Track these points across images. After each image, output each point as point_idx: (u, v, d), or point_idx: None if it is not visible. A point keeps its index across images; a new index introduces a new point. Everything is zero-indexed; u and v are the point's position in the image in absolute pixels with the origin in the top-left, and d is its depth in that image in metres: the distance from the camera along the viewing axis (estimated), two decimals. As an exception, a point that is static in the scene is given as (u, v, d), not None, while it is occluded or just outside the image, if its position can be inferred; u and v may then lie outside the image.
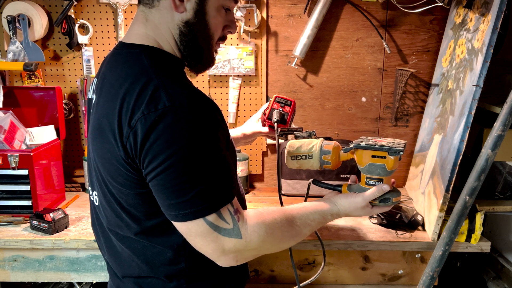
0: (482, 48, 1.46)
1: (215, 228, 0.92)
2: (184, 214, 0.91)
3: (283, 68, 2.04)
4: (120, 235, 1.04)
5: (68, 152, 2.11)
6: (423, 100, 2.05)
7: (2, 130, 1.73)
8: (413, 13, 1.91)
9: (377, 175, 1.13)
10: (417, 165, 1.94)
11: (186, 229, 0.93)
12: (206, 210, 0.90)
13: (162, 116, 0.86)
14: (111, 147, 0.92)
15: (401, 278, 1.68)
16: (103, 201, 1.04)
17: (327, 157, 1.20)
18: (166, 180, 0.89)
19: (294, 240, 1.06)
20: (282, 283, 1.71)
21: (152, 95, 0.88)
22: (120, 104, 0.90)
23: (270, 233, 0.99)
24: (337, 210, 1.14)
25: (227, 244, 0.93)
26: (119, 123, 0.89)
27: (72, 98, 2.06)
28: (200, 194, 0.89)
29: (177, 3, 0.95)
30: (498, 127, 1.18)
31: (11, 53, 1.87)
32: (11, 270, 1.64)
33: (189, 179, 0.88)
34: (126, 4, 1.94)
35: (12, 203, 1.70)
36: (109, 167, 0.96)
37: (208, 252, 0.95)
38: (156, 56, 0.96)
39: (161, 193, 0.92)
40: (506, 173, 1.82)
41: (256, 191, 2.10)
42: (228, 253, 0.95)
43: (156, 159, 0.87)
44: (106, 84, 0.97)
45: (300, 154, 1.23)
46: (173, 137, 0.86)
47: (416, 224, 1.65)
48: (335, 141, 1.24)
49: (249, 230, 0.96)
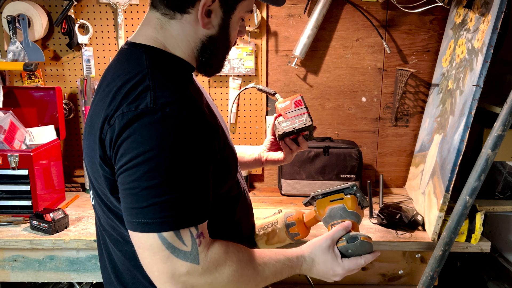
0: (482, 48, 1.46)
1: (168, 246, 0.82)
2: (136, 223, 0.83)
3: (283, 68, 2.04)
4: (113, 236, 1.01)
5: (68, 152, 2.11)
6: (423, 100, 2.05)
7: (2, 130, 1.73)
8: (413, 13, 1.91)
9: (339, 218, 1.10)
10: (417, 165, 1.94)
11: (136, 239, 0.85)
12: (162, 225, 0.82)
13: (139, 116, 0.83)
14: (95, 145, 0.90)
15: (401, 278, 1.68)
16: (95, 201, 1.02)
17: (292, 218, 1.19)
18: (125, 180, 0.83)
19: (254, 282, 0.94)
20: (282, 283, 1.70)
21: (138, 95, 0.85)
22: (109, 102, 0.88)
23: (229, 265, 0.89)
24: (302, 252, 1.04)
25: (179, 267, 0.83)
26: (103, 121, 0.87)
27: (72, 98, 2.06)
28: (161, 205, 0.82)
29: (205, 21, 0.93)
30: (498, 127, 1.18)
31: (11, 53, 1.87)
32: (11, 270, 1.64)
33: (152, 185, 0.81)
34: (126, 4, 1.94)
35: (12, 203, 1.70)
36: (93, 167, 0.94)
37: (154, 274, 0.85)
38: (158, 57, 0.94)
39: (121, 193, 0.86)
40: (506, 173, 1.82)
41: (256, 191, 2.10)
42: (177, 281, 0.84)
43: (124, 157, 0.83)
44: (104, 82, 0.96)
45: (265, 225, 1.20)
46: (144, 137, 0.82)
47: (416, 224, 1.65)
48: (295, 211, 1.21)
49: (209, 258, 0.86)
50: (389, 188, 2.12)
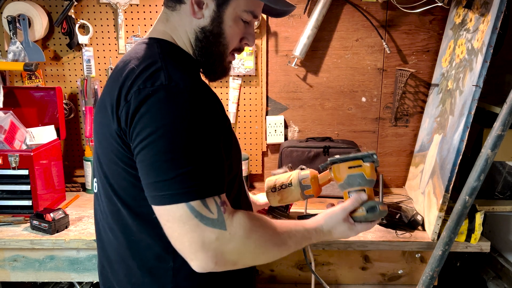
0: (482, 48, 1.46)
1: (197, 215, 0.85)
2: (164, 196, 0.85)
3: (283, 68, 2.04)
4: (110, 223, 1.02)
5: (69, 152, 2.11)
6: (423, 100, 2.05)
7: (3, 130, 1.74)
8: (413, 13, 1.92)
9: (358, 186, 1.11)
10: (417, 165, 1.94)
11: (163, 213, 0.87)
12: (190, 194, 0.84)
13: (156, 91, 0.86)
14: (108, 120, 0.92)
15: (401, 278, 1.68)
16: (100, 187, 1.03)
17: (307, 180, 1.20)
18: (149, 155, 0.85)
19: (278, 248, 0.98)
20: (282, 283, 1.71)
21: (151, 74, 0.89)
22: (123, 80, 0.91)
23: (255, 230, 0.92)
24: (319, 224, 1.08)
25: (208, 234, 0.85)
26: (118, 98, 0.91)
27: (72, 98, 2.06)
28: (185, 176, 0.84)
29: (196, 9, 0.99)
30: (498, 127, 1.18)
31: (11, 53, 1.88)
32: (11, 270, 1.64)
33: (174, 158, 0.84)
34: (126, 4, 1.94)
35: (13, 203, 1.70)
36: (104, 144, 0.96)
37: (185, 245, 0.86)
38: (168, 47, 1.00)
39: (143, 170, 0.88)
40: (506, 173, 1.83)
41: (256, 191, 2.11)
42: (208, 247, 0.86)
43: (143, 132, 0.86)
44: (116, 68, 1.00)
45: (279, 185, 1.23)
46: (162, 111, 0.85)
47: (416, 224, 1.65)
48: (310, 169, 1.25)
49: (235, 223, 0.89)
50: (389, 188, 2.12)
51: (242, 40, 1.06)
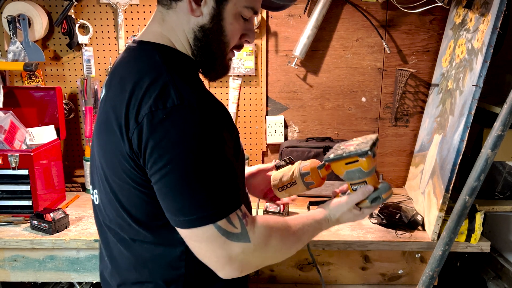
0: (482, 48, 1.46)
1: (224, 233, 0.87)
2: (191, 220, 0.87)
3: (283, 68, 2.04)
4: (120, 235, 1.01)
5: (69, 152, 2.11)
6: (423, 100, 2.05)
7: (3, 130, 1.74)
8: (413, 13, 1.92)
9: (358, 179, 1.11)
10: (417, 165, 1.94)
11: (191, 235, 0.89)
12: (216, 215, 0.87)
13: (170, 114, 0.84)
14: (117, 141, 0.90)
15: (401, 278, 1.68)
16: (104, 199, 1.02)
17: (309, 178, 1.22)
18: (171, 182, 0.85)
19: (295, 246, 1.03)
20: (282, 283, 1.71)
21: (161, 91, 0.86)
22: (129, 97, 0.88)
23: (274, 236, 0.96)
24: (328, 215, 1.11)
25: (235, 249, 0.89)
26: (126, 116, 0.87)
27: (72, 98, 2.06)
28: (209, 198, 0.86)
29: (194, 7, 0.93)
30: (498, 127, 1.18)
31: (11, 53, 1.88)
32: (11, 270, 1.64)
33: (197, 182, 0.85)
34: (126, 4, 1.94)
35: (12, 203, 1.70)
36: (112, 163, 0.94)
37: (213, 260, 0.90)
38: (168, 54, 0.95)
39: (166, 197, 0.88)
40: (506, 173, 1.82)
41: (256, 191, 2.10)
42: (234, 260, 0.90)
43: (162, 159, 0.84)
44: (116, 78, 0.96)
45: (285, 184, 1.25)
46: (180, 136, 0.83)
47: (416, 224, 1.65)
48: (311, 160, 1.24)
49: (257, 233, 0.92)
50: (389, 188, 2.12)
51: (242, 37, 1.02)
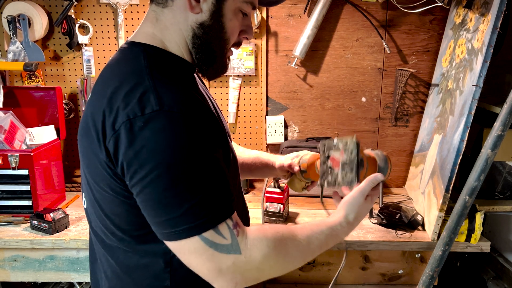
0: (482, 48, 1.46)
1: (211, 245, 0.83)
2: (176, 232, 0.82)
3: (283, 68, 2.04)
4: (105, 242, 0.98)
5: (69, 152, 2.11)
6: (423, 100, 2.05)
7: (2, 130, 1.74)
8: (413, 13, 1.92)
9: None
10: (417, 165, 1.94)
11: (178, 247, 0.85)
12: (201, 226, 0.81)
13: (148, 121, 0.79)
14: (95, 148, 0.85)
15: (401, 278, 1.68)
16: (89, 205, 0.98)
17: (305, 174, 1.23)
18: (153, 193, 0.80)
19: (302, 257, 0.95)
20: (282, 283, 1.71)
21: (140, 98, 0.81)
22: (106, 103, 0.83)
23: (273, 247, 0.89)
24: (343, 215, 1.03)
25: (225, 261, 0.84)
26: (103, 123, 0.83)
27: (72, 98, 2.06)
28: (194, 209, 0.81)
29: (193, 4, 0.90)
30: (498, 127, 1.18)
31: (11, 53, 1.88)
32: (11, 270, 1.64)
33: (180, 192, 0.80)
34: (126, 4, 1.94)
35: (12, 203, 1.70)
36: (92, 170, 0.89)
37: (204, 273, 0.86)
38: (156, 57, 0.91)
39: (149, 209, 0.83)
40: (506, 173, 1.82)
41: (256, 191, 2.10)
42: (226, 272, 0.85)
43: (142, 170, 0.79)
44: (100, 82, 0.93)
45: None
46: (160, 144, 0.78)
47: (416, 224, 1.65)
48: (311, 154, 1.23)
49: (249, 245, 0.86)
50: (389, 188, 2.12)
51: (241, 33, 0.99)
